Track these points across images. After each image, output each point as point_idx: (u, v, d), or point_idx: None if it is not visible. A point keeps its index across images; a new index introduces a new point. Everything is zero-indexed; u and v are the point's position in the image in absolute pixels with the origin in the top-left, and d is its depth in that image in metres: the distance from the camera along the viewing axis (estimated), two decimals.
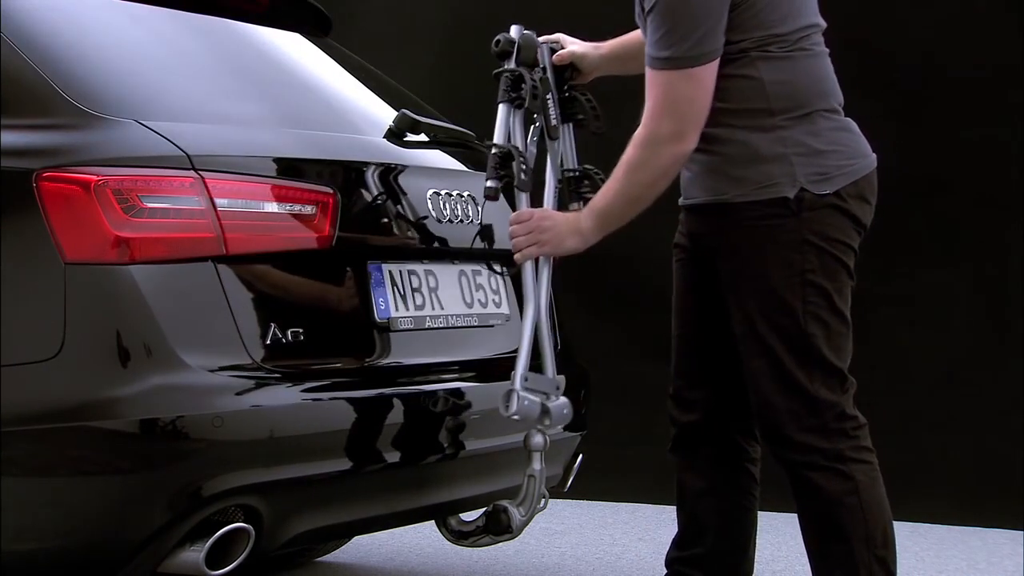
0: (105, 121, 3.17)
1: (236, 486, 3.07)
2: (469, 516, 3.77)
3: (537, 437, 3.50)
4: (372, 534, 4.87)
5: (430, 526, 3.97)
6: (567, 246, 3.39)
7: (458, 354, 3.69)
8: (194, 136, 3.23)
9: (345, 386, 3.35)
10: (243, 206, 3.22)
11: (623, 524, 5.54)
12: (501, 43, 3.56)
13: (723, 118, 3.20)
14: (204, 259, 3.15)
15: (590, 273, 5.62)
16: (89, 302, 3.05)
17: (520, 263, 3.48)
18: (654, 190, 3.24)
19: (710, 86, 3.16)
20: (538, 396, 3.42)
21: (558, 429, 3.57)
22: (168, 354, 3.05)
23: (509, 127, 3.54)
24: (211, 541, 3.08)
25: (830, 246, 3.19)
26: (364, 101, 4.04)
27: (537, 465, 3.48)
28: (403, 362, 3.53)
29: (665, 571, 3.54)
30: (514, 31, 3.58)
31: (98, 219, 3.06)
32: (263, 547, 3.19)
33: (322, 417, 3.27)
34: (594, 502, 5.86)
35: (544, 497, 3.54)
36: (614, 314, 6.04)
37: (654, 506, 5.71)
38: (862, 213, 3.25)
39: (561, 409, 3.48)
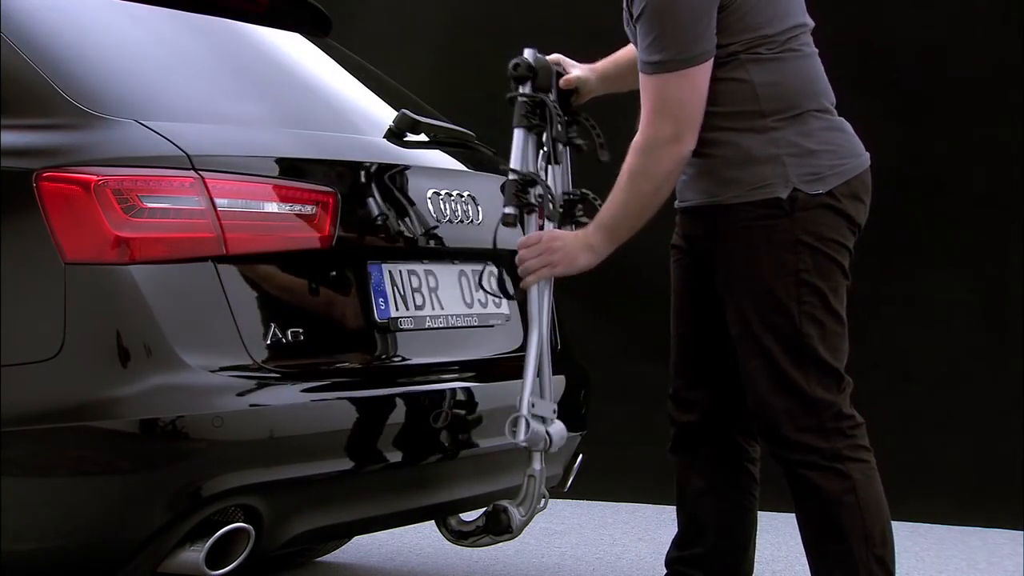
0: (105, 121, 3.17)
1: (236, 486, 3.07)
2: (469, 516, 3.77)
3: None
4: (372, 534, 4.86)
5: (430, 526, 3.96)
6: (580, 263, 3.37)
7: (458, 354, 3.69)
8: (194, 136, 3.22)
9: (345, 386, 3.35)
10: (243, 206, 3.22)
11: (623, 524, 5.54)
12: (521, 68, 3.49)
13: (715, 121, 3.20)
14: (204, 259, 3.15)
15: (590, 273, 5.62)
16: (89, 302, 3.05)
17: (529, 287, 3.44)
18: (658, 196, 3.24)
19: (704, 87, 3.16)
20: (541, 423, 3.42)
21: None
22: (168, 354, 3.05)
23: (526, 152, 3.48)
24: (211, 541, 3.08)
25: (824, 246, 3.19)
26: (364, 101, 4.04)
27: (537, 465, 3.48)
28: (403, 362, 3.53)
29: (665, 571, 3.54)
30: (529, 55, 3.51)
31: (98, 219, 3.05)
32: (263, 547, 3.19)
33: (322, 417, 3.27)
34: (594, 502, 5.86)
35: (544, 497, 3.53)
36: (614, 314, 6.04)
37: (654, 506, 5.71)
38: (856, 212, 3.25)
39: (560, 433, 3.48)
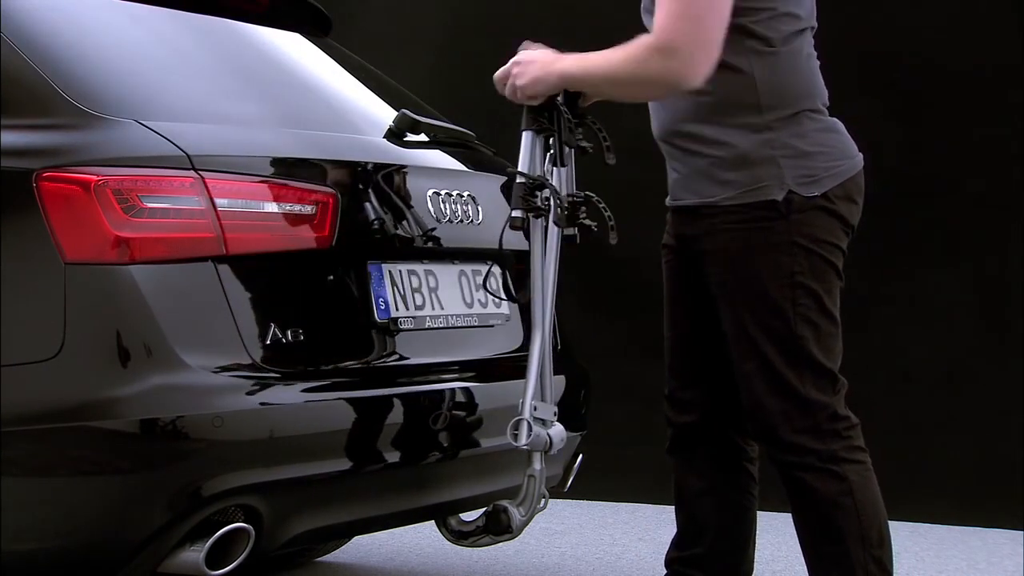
0: (105, 121, 3.17)
1: (236, 486, 3.07)
2: (469, 516, 3.77)
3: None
4: (372, 534, 4.87)
5: (430, 526, 3.96)
6: (556, 67, 3.26)
7: (458, 354, 3.69)
8: (194, 136, 3.23)
9: (345, 386, 3.35)
10: (243, 206, 3.22)
11: (623, 524, 5.54)
12: None
13: (711, 115, 3.19)
14: (204, 259, 3.15)
15: (590, 273, 5.63)
16: (89, 302, 3.05)
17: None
18: (629, 92, 3.23)
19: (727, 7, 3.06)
20: (542, 426, 3.42)
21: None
22: (168, 354, 3.05)
23: (534, 156, 3.44)
24: (211, 541, 3.08)
25: (819, 248, 3.19)
26: (364, 101, 4.04)
27: (537, 465, 3.48)
28: (403, 362, 3.53)
29: (665, 571, 3.54)
30: None
31: (98, 219, 3.06)
32: (263, 547, 3.19)
33: (322, 417, 3.27)
34: (594, 502, 5.86)
35: (544, 497, 3.53)
36: (614, 314, 6.04)
37: (654, 506, 5.71)
38: (850, 214, 3.24)
39: (560, 435, 3.47)
